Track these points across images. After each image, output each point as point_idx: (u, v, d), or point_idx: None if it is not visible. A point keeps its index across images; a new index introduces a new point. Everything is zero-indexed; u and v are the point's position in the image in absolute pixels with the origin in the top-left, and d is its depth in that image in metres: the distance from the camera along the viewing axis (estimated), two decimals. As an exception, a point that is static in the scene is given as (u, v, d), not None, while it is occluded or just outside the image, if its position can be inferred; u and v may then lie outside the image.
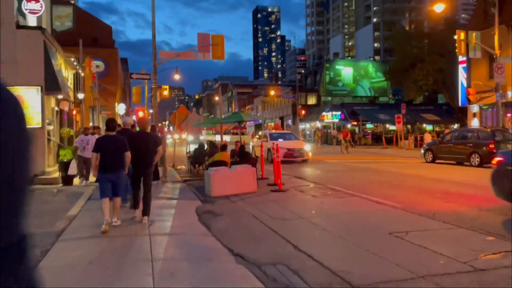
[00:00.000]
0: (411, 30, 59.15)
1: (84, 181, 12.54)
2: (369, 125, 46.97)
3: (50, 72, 13.39)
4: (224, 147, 13.64)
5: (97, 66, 35.49)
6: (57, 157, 13.56)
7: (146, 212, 7.41)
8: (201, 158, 15.82)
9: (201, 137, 30.90)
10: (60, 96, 15.03)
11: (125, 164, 6.97)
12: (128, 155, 6.94)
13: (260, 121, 60.72)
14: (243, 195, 10.48)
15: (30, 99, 12.84)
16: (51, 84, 13.35)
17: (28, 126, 1.13)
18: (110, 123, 7.18)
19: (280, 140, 20.51)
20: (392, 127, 42.09)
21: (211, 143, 16.34)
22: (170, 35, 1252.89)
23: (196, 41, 18.36)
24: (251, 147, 24.44)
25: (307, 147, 21.12)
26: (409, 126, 43.52)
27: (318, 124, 49.99)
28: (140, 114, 39.73)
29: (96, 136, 12.27)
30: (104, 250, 5.71)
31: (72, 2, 19.74)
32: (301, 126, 53.14)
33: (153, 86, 19.87)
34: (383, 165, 18.78)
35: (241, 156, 13.26)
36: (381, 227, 6.87)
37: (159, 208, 8.97)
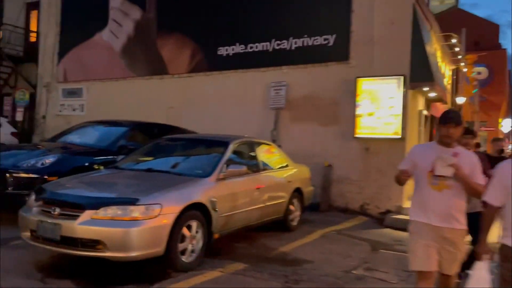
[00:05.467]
0: None
1: None
2: None
3: (420, 55, 8.63)
4: None
5: (479, 73, 29.70)
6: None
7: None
8: None
9: None
10: (432, 94, 10.00)
11: None
12: None
13: None
14: None
15: (386, 96, 8.47)
16: (420, 72, 8.57)
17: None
18: None
19: None
20: None
21: None
22: None
23: None
24: None
25: None
26: None
27: None
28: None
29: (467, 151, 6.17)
30: None
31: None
32: None
33: None
34: None
35: None
36: None
37: None
